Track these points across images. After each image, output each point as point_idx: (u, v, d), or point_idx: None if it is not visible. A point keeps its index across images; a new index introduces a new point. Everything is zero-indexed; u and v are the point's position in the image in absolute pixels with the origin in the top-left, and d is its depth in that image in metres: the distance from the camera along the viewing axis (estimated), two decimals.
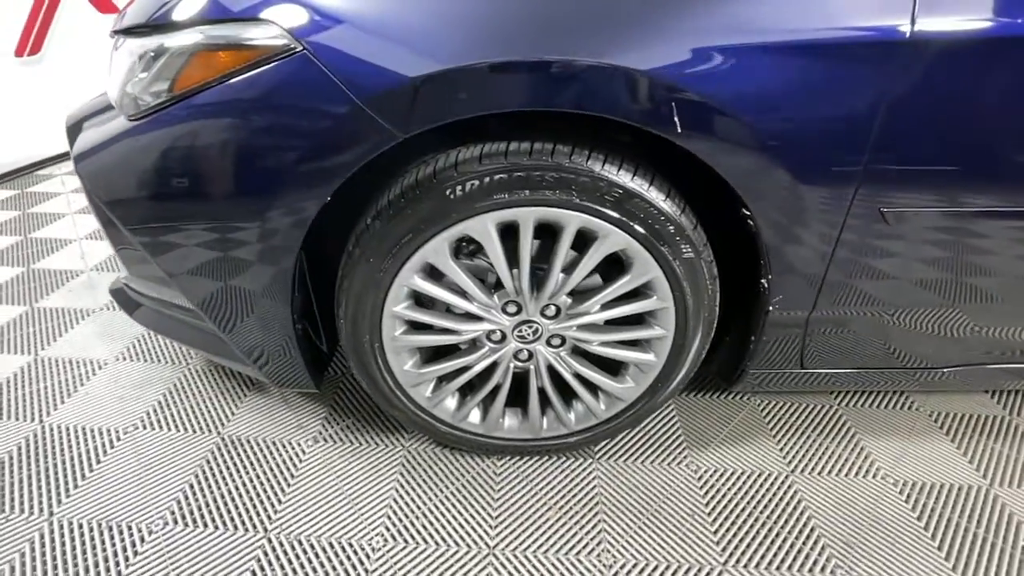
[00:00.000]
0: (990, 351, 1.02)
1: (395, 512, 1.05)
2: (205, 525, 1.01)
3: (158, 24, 0.81)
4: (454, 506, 1.06)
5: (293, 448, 1.18)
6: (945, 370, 1.07)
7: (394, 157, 0.83)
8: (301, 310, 1.00)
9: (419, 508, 1.06)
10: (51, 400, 1.29)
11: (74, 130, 1.00)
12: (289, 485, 1.09)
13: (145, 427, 1.22)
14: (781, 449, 1.21)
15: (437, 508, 1.06)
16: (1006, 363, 1.04)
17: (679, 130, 0.72)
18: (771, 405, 1.32)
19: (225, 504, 1.05)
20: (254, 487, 1.09)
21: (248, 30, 0.73)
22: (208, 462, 1.13)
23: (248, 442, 1.18)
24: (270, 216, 0.81)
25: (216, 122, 0.77)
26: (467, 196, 0.80)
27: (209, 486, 1.08)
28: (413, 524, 1.03)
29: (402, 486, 1.10)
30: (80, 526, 1.00)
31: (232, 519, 1.02)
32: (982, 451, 1.22)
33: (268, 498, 1.06)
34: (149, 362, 1.41)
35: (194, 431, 1.21)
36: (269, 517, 1.03)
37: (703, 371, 1.35)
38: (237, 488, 1.08)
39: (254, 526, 1.01)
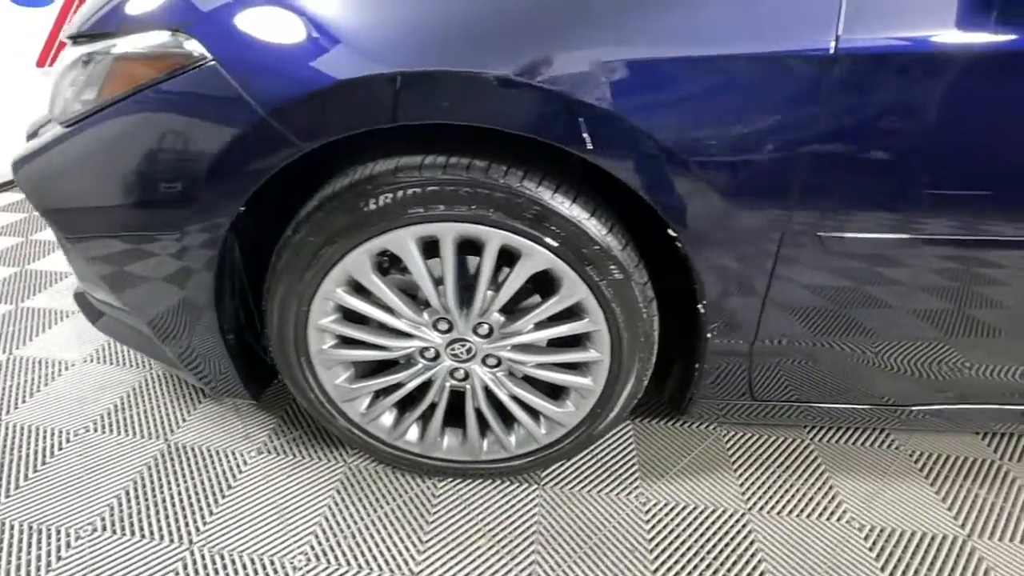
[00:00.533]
0: (957, 389, 0.94)
1: (324, 531, 1.02)
2: (132, 533, 1.00)
3: (90, 33, 0.82)
4: (385, 528, 1.03)
5: (236, 458, 1.16)
6: (913, 409, 0.99)
7: (336, 166, 0.82)
8: (242, 321, 1.00)
9: (349, 528, 1.03)
10: (14, 399, 1.31)
11: (30, 137, 1.03)
12: (224, 497, 1.08)
13: (96, 430, 1.22)
14: (741, 484, 1.14)
15: (367, 529, 1.03)
16: (976, 404, 0.96)
17: (589, 146, 0.69)
18: (736, 436, 1.25)
19: (156, 513, 1.04)
20: (189, 497, 1.07)
21: (163, 41, 0.73)
22: (150, 468, 1.13)
23: (193, 450, 1.18)
24: (186, 227, 0.80)
25: (133, 131, 0.77)
26: (381, 210, 0.78)
27: (145, 493, 1.08)
28: (340, 544, 1.00)
29: (337, 503, 1.07)
30: (12, 528, 1.01)
31: (160, 529, 1.01)
32: (964, 497, 1.13)
33: (200, 509, 1.05)
34: (115, 365, 1.43)
35: (143, 436, 1.21)
36: (197, 529, 1.01)
37: (656, 398, 1.29)
38: (172, 497, 1.07)
39: (180, 537, 1.00)
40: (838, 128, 0.67)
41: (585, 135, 0.68)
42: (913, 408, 0.98)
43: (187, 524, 1.02)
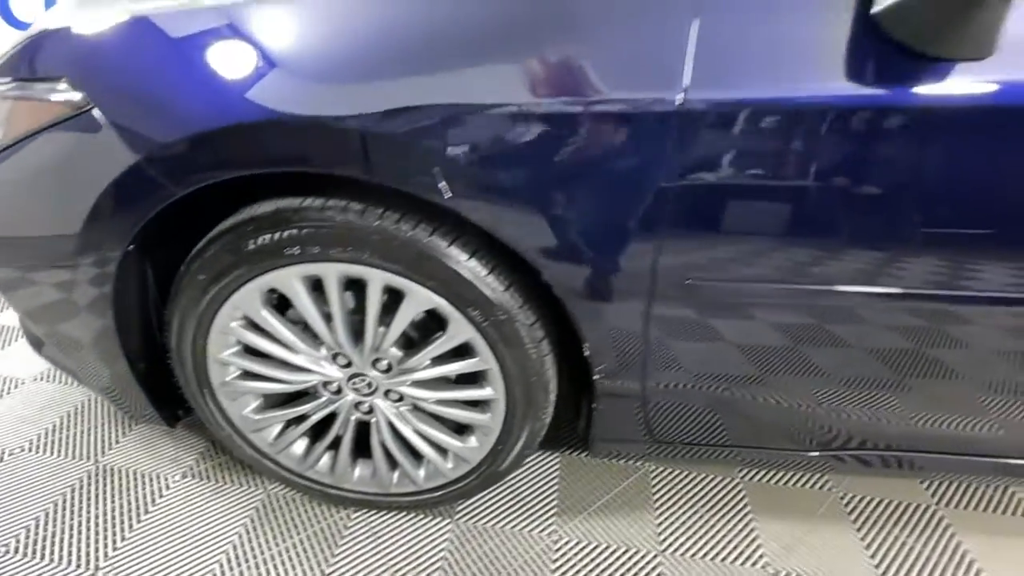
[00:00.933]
0: (848, 434, 0.92)
1: (231, 559, 1.03)
2: (42, 557, 1.02)
3: None
4: (291, 558, 1.03)
5: (160, 482, 1.18)
6: (809, 454, 0.96)
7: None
8: (155, 349, 1.02)
9: (255, 557, 1.03)
10: None
11: None
12: (140, 521, 1.09)
13: (31, 450, 1.25)
14: (659, 524, 1.12)
15: (273, 559, 1.03)
16: (873, 450, 0.93)
17: (447, 195, 0.69)
18: (663, 472, 1.23)
19: (71, 536, 1.06)
20: (106, 520, 1.09)
21: (49, 88, 0.77)
22: (73, 490, 1.15)
23: (120, 472, 1.20)
24: (79, 263, 0.83)
25: (29, 170, 0.80)
26: (261, 250, 0.79)
27: (63, 515, 1.10)
28: (243, 574, 1.00)
29: (248, 531, 1.08)
30: None
31: (69, 553, 1.03)
32: (890, 545, 1.09)
33: (114, 533, 1.07)
34: (63, 384, 1.46)
35: (73, 457, 1.23)
36: (105, 554, 1.03)
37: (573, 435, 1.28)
38: (89, 520, 1.09)
39: (87, 563, 1.01)
40: (691, 178, 0.67)
41: (441, 184, 0.69)
42: (809, 453, 0.96)
43: (98, 549, 1.04)
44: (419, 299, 0.82)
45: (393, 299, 0.85)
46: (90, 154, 0.77)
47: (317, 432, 1.05)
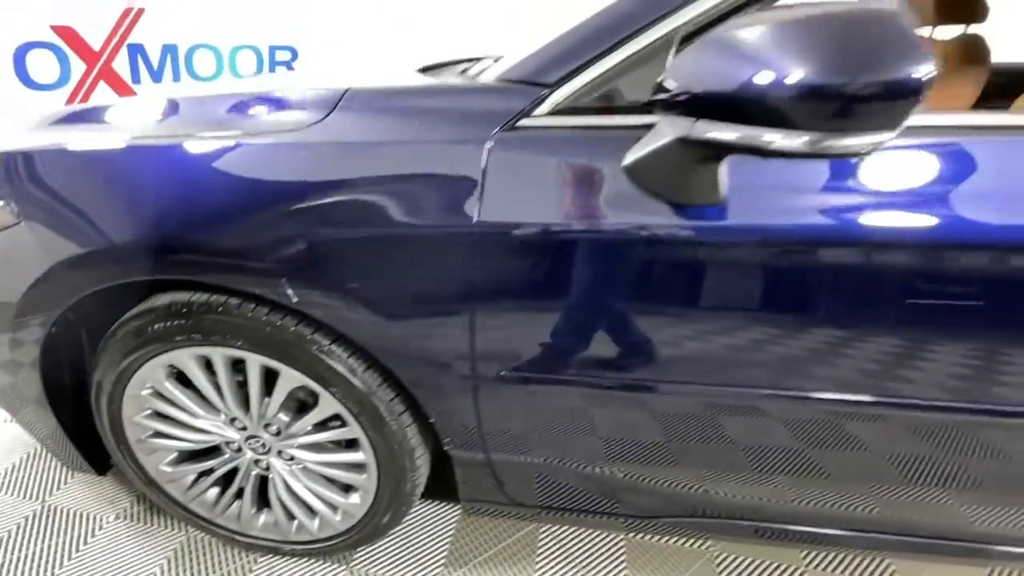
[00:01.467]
0: (683, 503, 1.02)
1: None
2: None
3: None
4: None
5: (95, 522, 1.32)
6: (657, 520, 1.06)
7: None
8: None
9: None
10: None
11: None
12: (70, 559, 1.22)
13: None
14: None
15: None
16: (712, 518, 1.02)
17: (294, 300, 0.84)
18: (553, 528, 1.33)
19: (7, 571, 1.19)
20: (37, 560, 1.22)
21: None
22: (15, 530, 1.29)
23: (61, 512, 1.34)
24: (21, 328, 0.99)
25: None
26: (158, 336, 0.94)
27: (3, 552, 1.23)
28: None
29: (164, 572, 1.20)
30: None
31: None
32: None
33: (45, 570, 1.20)
34: None
35: (24, 497, 1.38)
36: None
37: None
38: (23, 559, 1.22)
39: None
40: (490, 290, 0.80)
41: (289, 291, 0.83)
42: (653, 520, 1.06)
43: None
44: (290, 378, 0.96)
45: (275, 374, 1.00)
46: (23, 252, 0.94)
47: (226, 483, 1.19)
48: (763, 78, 0.57)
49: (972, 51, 1.55)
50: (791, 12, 0.57)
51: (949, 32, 1.65)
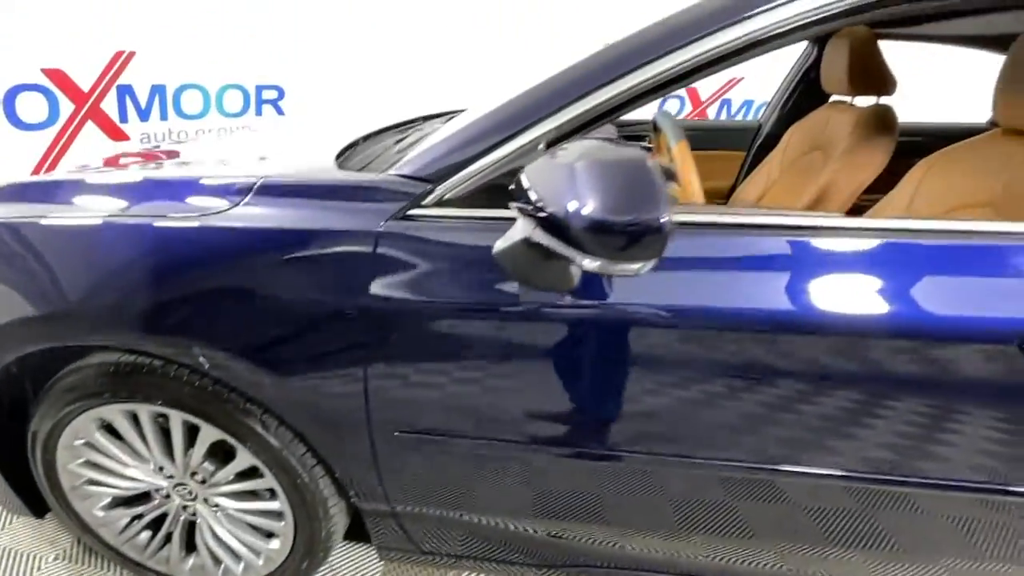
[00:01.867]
0: (583, 554, 1.10)
1: None
2: None
3: None
4: None
5: (34, 563, 1.37)
6: (567, 569, 1.13)
7: None
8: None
9: None
10: None
11: None
12: None
13: None
14: None
15: None
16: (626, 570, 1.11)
17: (206, 366, 0.93)
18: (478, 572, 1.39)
19: None
20: None
21: None
22: None
23: (2, 552, 1.39)
24: None
25: None
26: (87, 393, 1.03)
27: None
28: None
29: None
30: None
31: None
32: None
33: None
34: None
35: None
36: None
37: None
38: None
39: None
40: (382, 358, 0.89)
41: (201, 359, 0.92)
42: (563, 568, 1.13)
43: None
44: (209, 433, 1.04)
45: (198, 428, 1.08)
46: None
47: (156, 528, 1.25)
48: (569, 207, 0.66)
49: (881, 121, 1.68)
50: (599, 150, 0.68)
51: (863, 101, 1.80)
